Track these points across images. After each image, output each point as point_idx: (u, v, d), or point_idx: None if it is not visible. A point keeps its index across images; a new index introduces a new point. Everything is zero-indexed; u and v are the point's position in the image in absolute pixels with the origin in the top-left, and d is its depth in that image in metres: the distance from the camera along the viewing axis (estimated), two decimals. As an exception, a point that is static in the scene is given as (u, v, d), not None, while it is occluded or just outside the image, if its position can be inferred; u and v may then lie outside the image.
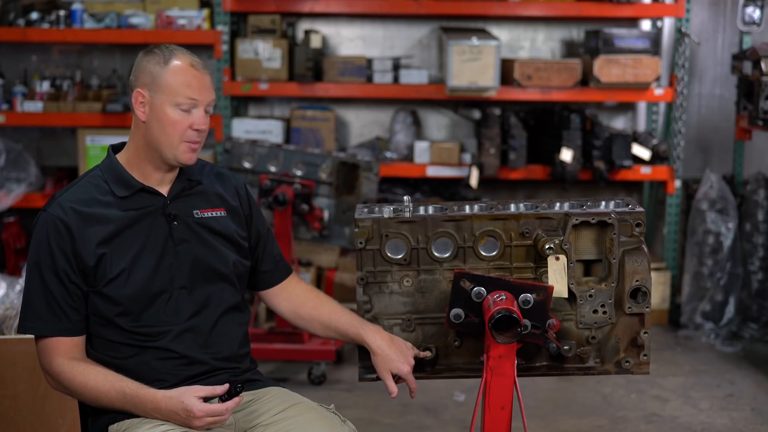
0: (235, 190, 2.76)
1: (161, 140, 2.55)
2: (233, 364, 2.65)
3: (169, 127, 2.54)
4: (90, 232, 2.52)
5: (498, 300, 2.54)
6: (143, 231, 2.57)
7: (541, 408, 4.63)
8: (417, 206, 2.81)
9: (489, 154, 5.86)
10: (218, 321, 2.63)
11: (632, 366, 2.77)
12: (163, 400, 2.46)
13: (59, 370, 2.52)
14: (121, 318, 2.54)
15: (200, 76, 2.56)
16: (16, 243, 6.00)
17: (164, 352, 2.56)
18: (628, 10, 5.93)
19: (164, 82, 2.53)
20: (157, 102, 2.54)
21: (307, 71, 5.89)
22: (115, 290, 2.52)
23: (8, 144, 5.85)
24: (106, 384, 2.49)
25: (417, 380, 2.75)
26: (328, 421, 2.58)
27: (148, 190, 2.60)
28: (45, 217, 2.54)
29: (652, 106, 6.40)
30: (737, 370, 5.22)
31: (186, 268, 2.59)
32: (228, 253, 2.67)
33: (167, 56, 2.55)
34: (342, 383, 4.97)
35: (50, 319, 2.52)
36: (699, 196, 5.83)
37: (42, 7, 5.98)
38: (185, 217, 2.63)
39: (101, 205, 2.56)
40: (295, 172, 5.11)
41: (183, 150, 2.57)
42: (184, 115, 2.55)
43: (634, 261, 2.70)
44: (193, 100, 2.55)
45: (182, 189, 2.65)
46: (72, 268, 2.51)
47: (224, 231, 2.68)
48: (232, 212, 2.72)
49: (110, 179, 2.59)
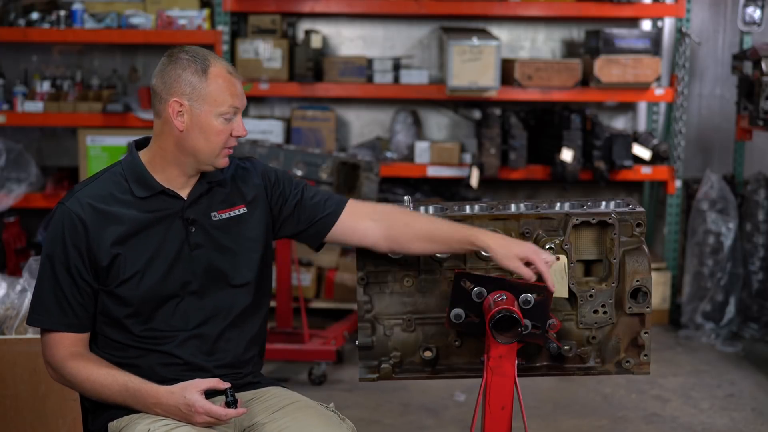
0: (258, 178, 2.70)
1: (203, 148, 2.54)
2: (235, 369, 2.64)
3: (214, 136, 2.53)
4: (106, 231, 2.51)
5: (498, 300, 2.54)
6: (159, 234, 2.56)
7: (541, 408, 4.63)
8: (417, 206, 2.81)
9: (489, 154, 5.86)
10: (226, 329, 2.61)
11: (633, 366, 2.77)
12: (165, 395, 2.46)
13: (62, 363, 2.52)
14: (129, 319, 2.54)
15: (237, 83, 2.57)
16: (16, 243, 6.00)
17: (168, 357, 2.55)
18: (629, 10, 5.93)
19: (206, 93, 2.52)
20: (199, 112, 2.52)
21: (308, 71, 5.89)
22: (127, 291, 2.52)
23: (9, 144, 5.85)
24: (108, 378, 2.49)
25: (417, 380, 2.74)
26: (327, 419, 2.58)
27: (168, 192, 2.58)
28: (62, 210, 2.53)
29: (653, 106, 6.40)
30: (738, 370, 5.22)
31: (199, 273, 2.58)
32: (251, 254, 2.64)
33: (203, 64, 2.54)
34: (342, 383, 4.97)
35: (58, 313, 2.52)
36: (699, 196, 5.83)
37: (42, 7, 5.98)
38: (203, 221, 2.60)
39: (119, 203, 2.55)
40: (296, 172, 5.11)
41: (222, 156, 2.58)
42: (227, 123, 2.55)
43: (635, 261, 2.70)
44: (235, 108, 2.56)
45: (202, 192, 2.62)
46: (84, 265, 2.51)
47: (244, 231, 2.64)
48: (254, 204, 2.67)
49: (131, 178, 2.58)
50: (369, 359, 2.79)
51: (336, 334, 5.18)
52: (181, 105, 2.52)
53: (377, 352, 2.79)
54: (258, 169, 2.73)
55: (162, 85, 2.55)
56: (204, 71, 2.53)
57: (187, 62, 2.54)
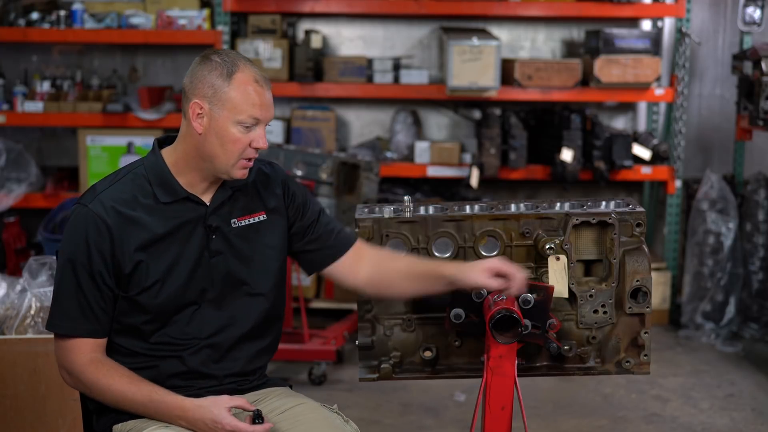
0: (278, 187, 2.64)
1: (218, 155, 2.46)
2: (242, 377, 2.60)
3: (230, 144, 2.45)
4: (130, 237, 2.44)
5: (498, 300, 2.54)
6: (181, 240, 2.49)
7: (541, 408, 4.62)
8: (417, 206, 2.81)
9: (489, 154, 5.86)
10: (239, 339, 2.57)
11: (633, 366, 2.77)
12: (191, 408, 2.41)
13: (82, 369, 2.46)
14: (145, 326, 2.49)
15: (263, 93, 2.47)
16: (16, 243, 6.00)
17: (178, 365, 2.51)
18: (629, 10, 5.93)
19: (227, 98, 2.43)
20: (217, 117, 2.44)
21: (308, 71, 5.89)
22: (147, 299, 2.46)
23: (9, 144, 5.85)
24: (132, 387, 2.43)
25: (417, 380, 2.74)
26: (331, 422, 2.57)
27: (192, 198, 2.51)
28: (85, 213, 2.45)
29: (653, 106, 6.40)
30: (738, 370, 5.22)
31: (218, 281, 2.53)
32: (269, 262, 2.59)
33: (230, 68, 2.45)
34: (342, 383, 4.97)
35: (80, 319, 2.45)
36: (699, 196, 5.83)
37: (42, 7, 5.98)
38: (224, 228, 2.54)
39: (143, 208, 2.47)
40: (296, 172, 5.11)
41: (238, 167, 2.48)
42: (246, 133, 2.46)
43: (635, 261, 2.70)
44: (255, 119, 2.47)
45: (224, 200, 2.55)
46: (108, 271, 2.44)
47: (263, 238, 2.59)
48: (274, 213, 2.62)
49: (154, 181, 2.50)
50: (369, 359, 2.79)
51: (336, 334, 5.18)
52: (201, 107, 2.45)
53: (377, 352, 2.79)
54: (279, 176, 2.67)
55: (189, 84, 2.48)
56: (229, 75, 2.44)
57: (215, 64, 2.45)
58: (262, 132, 2.49)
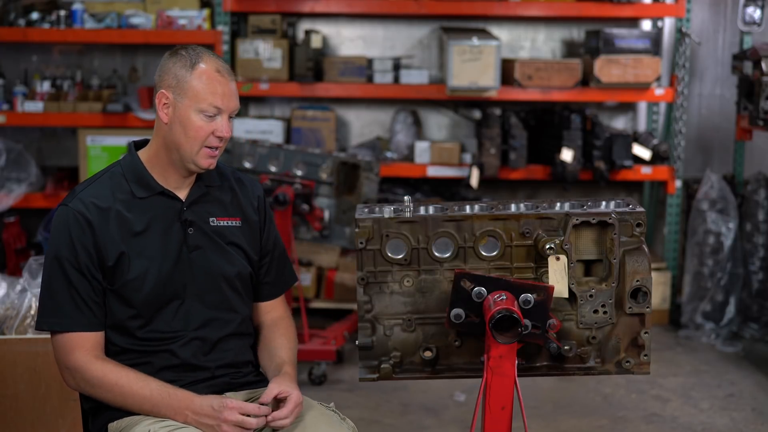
0: (255, 200, 2.74)
1: (182, 144, 2.55)
2: (234, 369, 2.64)
3: (192, 132, 2.54)
4: (110, 231, 2.52)
5: (498, 300, 2.54)
6: (160, 235, 2.56)
7: (541, 408, 4.62)
8: (417, 206, 2.81)
9: (489, 154, 5.86)
10: (227, 333, 2.62)
11: (633, 366, 2.77)
12: (199, 398, 2.46)
13: (85, 367, 2.48)
14: (132, 321, 2.53)
15: (226, 83, 2.56)
16: (16, 243, 6.00)
17: (169, 359, 2.55)
18: (629, 10, 5.93)
19: (189, 87, 2.53)
20: (180, 105, 2.54)
21: (308, 71, 5.89)
22: (130, 293, 2.52)
23: (9, 144, 5.85)
24: (139, 382, 2.47)
25: (417, 380, 2.74)
26: (327, 419, 2.59)
27: (166, 193, 2.59)
28: (65, 211, 2.53)
29: (653, 106, 6.40)
30: (738, 370, 5.22)
31: (200, 275, 2.58)
32: (241, 262, 2.66)
33: (193, 60, 2.55)
34: (342, 383, 4.97)
35: (75, 314, 2.50)
36: (699, 196, 5.83)
37: (42, 7, 5.98)
38: (201, 224, 2.61)
39: (121, 203, 2.55)
40: (296, 172, 5.11)
41: (203, 155, 2.56)
42: (208, 121, 2.54)
43: (635, 261, 2.70)
44: (217, 108, 2.55)
45: (200, 195, 2.63)
46: (93, 263, 2.50)
47: (238, 241, 2.66)
48: (248, 223, 2.70)
49: (131, 178, 2.59)
50: (369, 359, 2.79)
51: (336, 334, 5.18)
52: (167, 97, 2.55)
53: (377, 352, 2.79)
54: (256, 191, 2.76)
55: (158, 77, 2.59)
56: (192, 66, 2.55)
57: (180, 57, 2.57)
58: (225, 121, 2.57)
